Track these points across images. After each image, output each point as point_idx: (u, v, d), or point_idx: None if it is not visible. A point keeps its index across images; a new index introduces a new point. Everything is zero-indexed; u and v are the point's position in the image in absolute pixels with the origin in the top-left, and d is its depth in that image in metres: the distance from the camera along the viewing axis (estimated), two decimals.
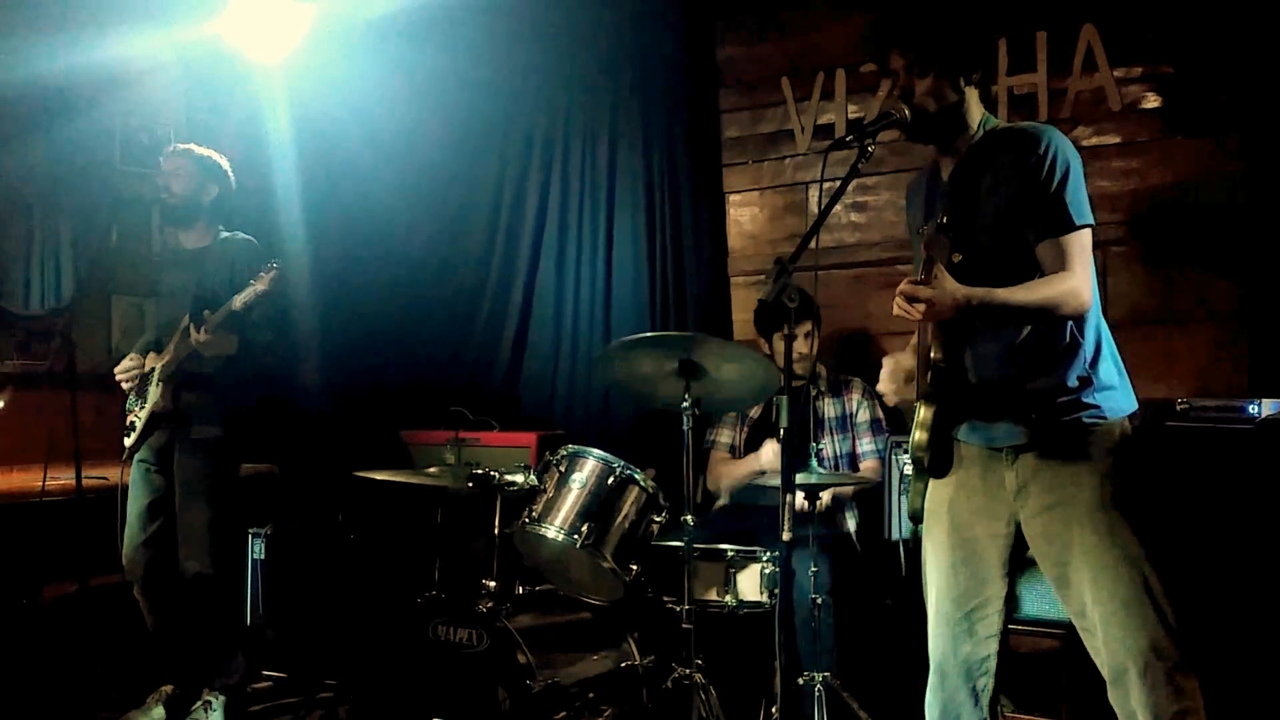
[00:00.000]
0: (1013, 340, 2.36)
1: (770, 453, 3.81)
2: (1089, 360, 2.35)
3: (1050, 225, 2.30)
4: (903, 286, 2.22)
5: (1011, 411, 2.37)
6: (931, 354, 2.34)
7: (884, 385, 2.62)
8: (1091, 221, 2.33)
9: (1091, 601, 2.29)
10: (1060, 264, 2.29)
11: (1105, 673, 2.31)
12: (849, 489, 3.93)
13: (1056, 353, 2.34)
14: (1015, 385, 2.36)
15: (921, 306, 2.20)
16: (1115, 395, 2.37)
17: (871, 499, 3.90)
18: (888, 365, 2.62)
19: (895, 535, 3.68)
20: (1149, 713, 2.23)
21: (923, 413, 2.36)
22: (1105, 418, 2.34)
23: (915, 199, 2.63)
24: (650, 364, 3.28)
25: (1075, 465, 2.32)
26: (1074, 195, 2.30)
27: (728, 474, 4.09)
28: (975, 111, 2.44)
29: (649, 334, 3.34)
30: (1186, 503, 3.16)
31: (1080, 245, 2.30)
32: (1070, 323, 2.33)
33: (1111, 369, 2.40)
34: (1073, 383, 2.33)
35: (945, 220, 2.28)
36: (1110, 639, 2.27)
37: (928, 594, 2.57)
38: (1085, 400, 2.33)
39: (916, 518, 2.60)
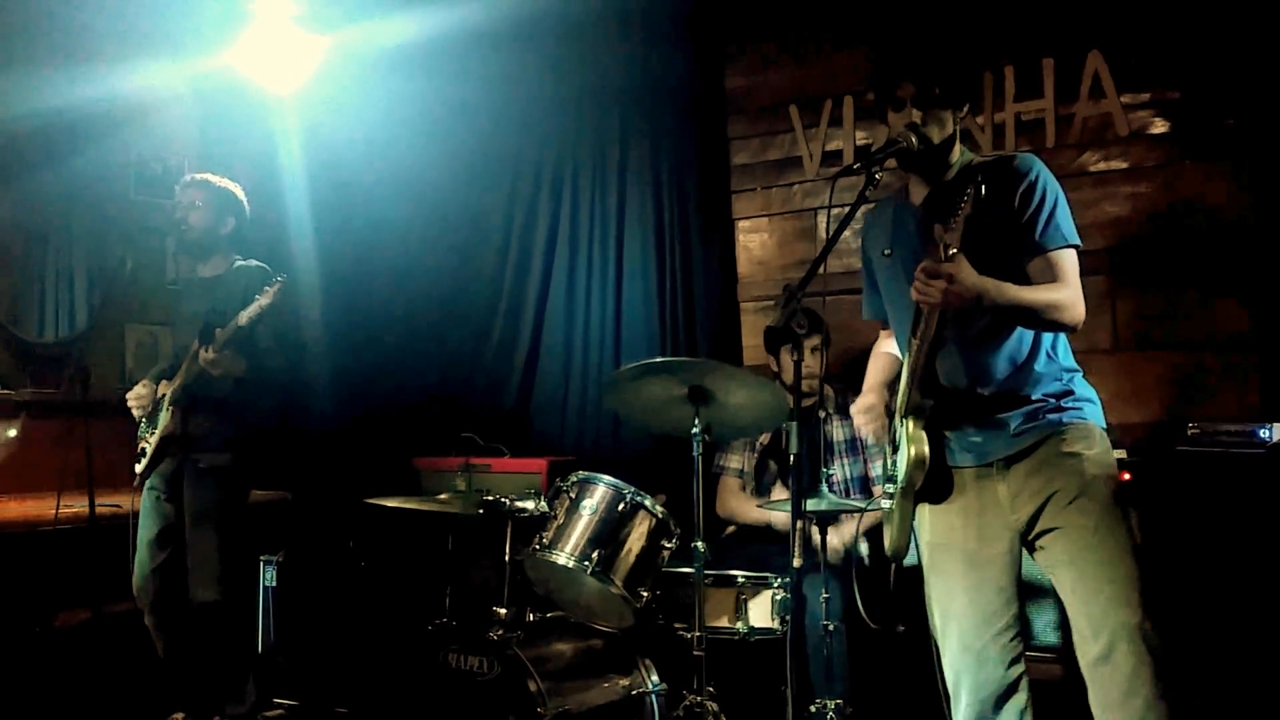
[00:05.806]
0: (992, 360, 2.47)
1: (783, 517, 3.83)
2: (1067, 378, 2.51)
3: (1041, 242, 2.42)
4: (925, 264, 2.29)
5: (997, 423, 2.47)
6: (916, 369, 2.43)
7: (866, 427, 2.66)
8: (1079, 244, 2.45)
9: (1077, 577, 2.39)
10: (1052, 278, 2.41)
11: (1086, 650, 2.37)
12: (859, 529, 3.87)
13: (1035, 370, 2.48)
14: (999, 400, 2.47)
15: (941, 283, 2.26)
16: (1094, 408, 2.53)
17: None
18: (859, 415, 2.66)
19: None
20: (1122, 689, 2.30)
21: (911, 428, 2.47)
22: (1086, 419, 2.48)
23: (877, 227, 2.73)
24: (659, 389, 3.28)
25: (1062, 459, 2.43)
26: (1063, 219, 2.44)
27: (739, 513, 4.09)
28: (956, 143, 2.58)
29: (658, 359, 3.35)
30: (1197, 527, 3.15)
31: (1071, 262, 2.43)
32: (1046, 346, 2.48)
33: (1086, 386, 2.54)
34: (1054, 391, 2.48)
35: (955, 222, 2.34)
36: (1093, 614, 2.36)
37: (939, 628, 2.58)
38: (1066, 405, 2.47)
39: (898, 556, 2.64)
